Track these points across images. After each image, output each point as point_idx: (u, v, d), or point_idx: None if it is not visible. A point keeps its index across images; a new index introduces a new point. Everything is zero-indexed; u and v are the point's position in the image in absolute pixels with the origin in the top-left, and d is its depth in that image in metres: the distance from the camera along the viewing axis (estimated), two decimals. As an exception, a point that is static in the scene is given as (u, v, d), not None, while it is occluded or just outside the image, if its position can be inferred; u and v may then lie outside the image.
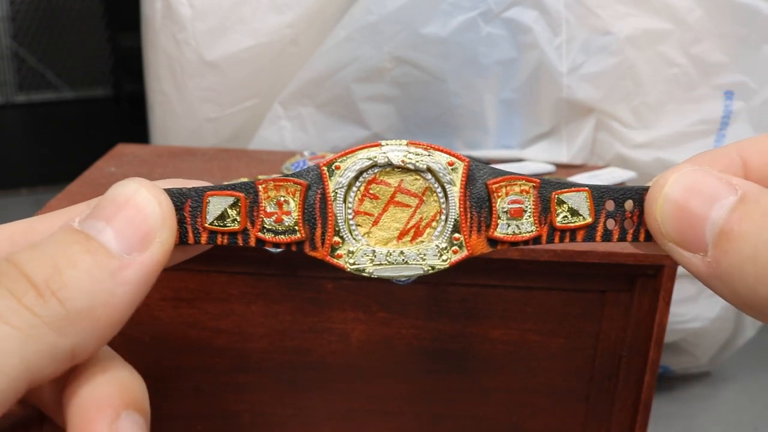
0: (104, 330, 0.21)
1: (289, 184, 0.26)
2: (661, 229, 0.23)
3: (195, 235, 0.26)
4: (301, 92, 0.79)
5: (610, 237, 0.26)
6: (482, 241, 0.26)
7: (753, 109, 0.75)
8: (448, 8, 0.73)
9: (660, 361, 0.49)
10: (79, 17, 2.61)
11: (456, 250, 0.26)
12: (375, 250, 0.26)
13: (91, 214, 0.23)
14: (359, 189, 0.26)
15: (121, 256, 0.22)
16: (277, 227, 0.26)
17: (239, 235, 0.26)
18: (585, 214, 0.26)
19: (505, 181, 0.26)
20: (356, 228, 0.26)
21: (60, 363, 0.20)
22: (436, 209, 0.26)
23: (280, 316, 0.50)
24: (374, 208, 0.27)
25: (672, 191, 0.23)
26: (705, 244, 0.22)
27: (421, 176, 0.26)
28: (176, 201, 0.26)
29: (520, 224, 0.26)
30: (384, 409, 0.53)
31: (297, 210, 0.26)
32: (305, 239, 0.26)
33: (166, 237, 0.23)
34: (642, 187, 0.25)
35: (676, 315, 0.84)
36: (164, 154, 0.64)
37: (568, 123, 0.76)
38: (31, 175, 1.93)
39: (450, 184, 0.26)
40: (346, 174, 0.26)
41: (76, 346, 0.21)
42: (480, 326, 0.50)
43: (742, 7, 0.71)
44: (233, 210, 0.26)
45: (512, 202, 0.26)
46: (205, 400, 0.53)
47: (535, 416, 0.53)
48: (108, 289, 0.21)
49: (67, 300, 0.20)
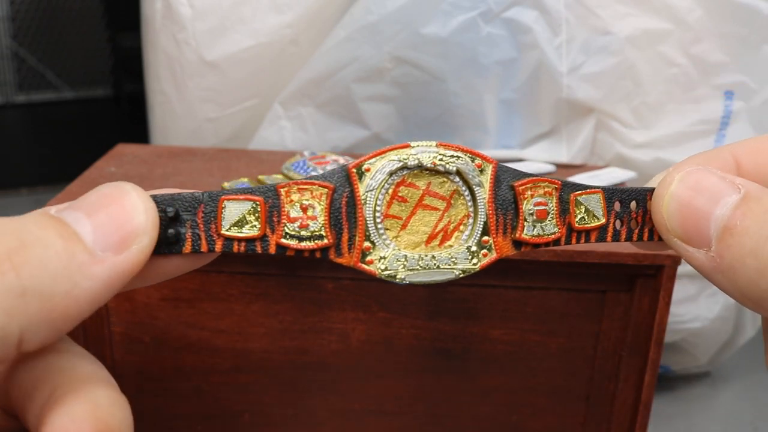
0: (59, 320, 0.20)
1: (314, 187, 0.24)
2: (667, 225, 0.24)
3: (209, 242, 0.25)
4: (301, 92, 0.79)
5: (618, 237, 0.26)
6: (508, 243, 0.26)
7: (753, 109, 0.75)
8: (448, 8, 0.73)
9: (660, 361, 0.49)
10: (79, 17, 2.61)
11: (486, 253, 0.26)
12: (407, 255, 0.26)
13: (71, 205, 0.22)
14: (387, 192, 0.26)
15: (94, 250, 0.21)
16: (301, 233, 0.24)
17: (258, 241, 0.25)
18: (599, 215, 0.26)
19: (531, 182, 0.26)
20: (385, 232, 0.26)
21: (6, 348, 0.19)
22: (464, 212, 0.26)
23: (280, 316, 0.50)
24: (403, 212, 0.26)
25: (678, 189, 0.24)
26: (709, 240, 0.23)
27: (449, 179, 0.26)
28: (188, 206, 0.25)
29: (544, 226, 0.26)
30: (384, 409, 0.53)
31: (323, 214, 0.24)
32: (331, 245, 0.25)
33: (144, 245, 0.22)
34: (646, 189, 0.26)
35: (676, 315, 0.84)
36: (164, 154, 0.64)
37: (568, 123, 0.76)
38: (31, 175, 1.93)
39: (479, 186, 0.26)
40: (376, 176, 0.25)
41: (25, 332, 0.19)
42: (480, 326, 0.50)
43: (742, 7, 0.71)
44: (251, 215, 0.25)
45: (537, 204, 0.26)
46: (205, 400, 0.53)
47: (535, 416, 0.53)
48: (73, 278, 0.20)
49: (26, 276, 0.19)
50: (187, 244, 0.25)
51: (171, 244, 0.24)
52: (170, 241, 0.24)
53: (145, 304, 0.50)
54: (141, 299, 0.50)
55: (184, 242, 0.25)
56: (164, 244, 0.24)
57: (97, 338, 0.51)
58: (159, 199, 0.24)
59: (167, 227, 0.24)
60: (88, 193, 0.22)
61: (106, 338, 0.51)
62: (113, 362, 0.51)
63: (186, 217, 0.25)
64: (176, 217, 0.25)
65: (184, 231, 0.25)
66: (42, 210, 0.22)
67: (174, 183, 0.56)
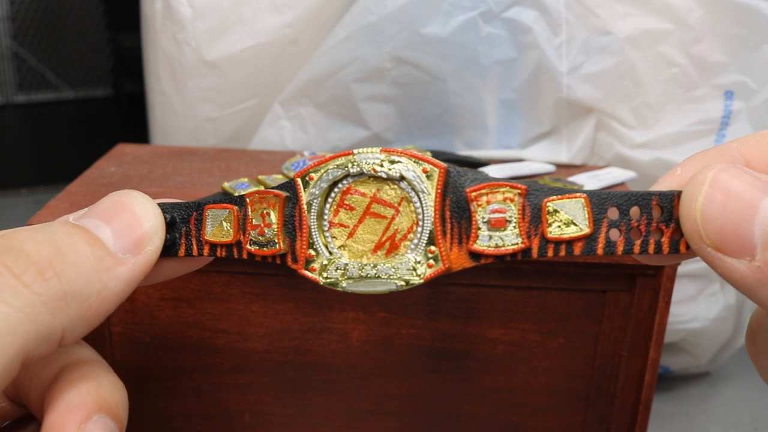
0: (92, 318, 0.22)
1: (270, 196, 0.25)
2: (701, 232, 0.20)
3: (198, 247, 0.26)
4: (301, 92, 0.79)
5: (613, 249, 0.23)
6: (463, 254, 0.24)
7: (753, 109, 0.75)
8: (448, 8, 0.73)
9: (660, 361, 0.49)
10: (79, 17, 2.61)
11: (431, 264, 0.24)
12: (347, 264, 0.25)
13: (87, 213, 0.24)
14: (335, 199, 0.25)
15: (116, 253, 0.23)
16: (260, 240, 0.25)
17: (234, 247, 0.26)
18: (582, 223, 0.23)
19: (486, 188, 0.23)
20: (332, 240, 0.25)
21: (51, 344, 0.21)
22: (413, 220, 0.25)
23: (280, 316, 0.50)
24: (350, 220, 0.25)
25: (711, 190, 0.20)
26: (752, 246, 0.19)
27: (398, 185, 0.25)
28: (184, 214, 0.26)
29: (503, 236, 0.23)
30: (384, 409, 0.53)
31: (277, 222, 0.25)
32: (286, 251, 0.25)
33: (157, 246, 0.25)
34: (651, 192, 0.23)
35: (676, 315, 0.84)
36: (164, 154, 0.64)
37: (568, 123, 0.76)
38: (31, 175, 1.93)
39: (424, 192, 0.24)
40: (319, 185, 0.25)
41: (66, 329, 0.21)
42: (480, 326, 0.50)
43: (742, 7, 0.71)
44: (227, 222, 0.26)
45: (494, 212, 0.23)
46: (205, 400, 0.53)
47: (535, 416, 0.53)
48: (103, 280, 0.22)
49: (66, 280, 0.21)
50: (182, 248, 0.26)
51: (168, 248, 0.26)
52: (167, 245, 0.26)
53: (145, 304, 0.50)
54: (141, 299, 0.50)
55: (179, 246, 0.26)
56: (163, 248, 0.26)
57: (97, 338, 0.51)
58: (161, 206, 0.26)
59: (166, 232, 0.26)
60: (99, 201, 0.25)
61: (106, 338, 0.51)
62: (113, 362, 0.51)
63: (181, 224, 0.26)
64: (173, 223, 0.26)
65: (179, 236, 0.26)
66: (62, 219, 0.24)
67: (174, 183, 0.56)
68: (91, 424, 0.22)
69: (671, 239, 0.22)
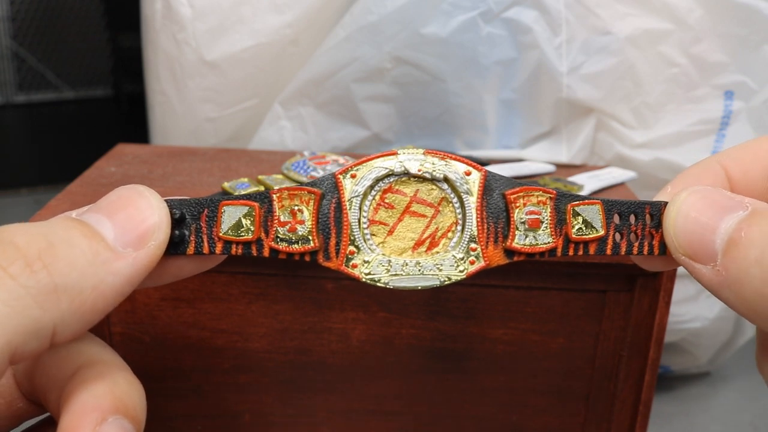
0: (88, 314, 0.21)
1: (303, 193, 0.25)
2: (675, 243, 0.25)
3: (210, 245, 0.26)
4: (301, 92, 0.79)
5: (618, 250, 0.26)
6: (499, 252, 0.26)
7: (753, 109, 0.75)
8: (448, 8, 0.73)
9: (660, 361, 0.49)
10: (79, 17, 2.61)
11: (473, 260, 0.26)
12: (391, 260, 0.26)
13: (90, 208, 0.24)
14: (374, 198, 0.26)
15: (115, 248, 0.22)
16: (290, 237, 0.25)
17: (253, 244, 0.26)
18: (598, 226, 0.26)
19: (523, 191, 0.26)
20: (371, 237, 0.26)
21: (42, 340, 0.20)
22: (452, 219, 0.26)
23: (280, 316, 0.50)
24: (389, 218, 0.26)
25: (684, 206, 0.24)
26: (715, 254, 0.23)
27: (437, 186, 0.26)
28: (194, 211, 0.26)
29: (537, 235, 0.26)
30: (384, 409, 0.53)
31: (311, 219, 0.25)
32: (319, 249, 0.25)
33: (160, 241, 0.24)
34: (644, 202, 0.26)
35: (676, 315, 0.84)
36: (164, 154, 0.64)
37: (568, 123, 0.76)
38: (31, 175, 1.93)
39: (467, 194, 0.26)
40: (362, 182, 0.26)
41: (58, 324, 0.21)
42: (480, 326, 0.50)
43: (742, 7, 0.71)
44: (247, 219, 0.26)
45: (530, 213, 0.25)
46: (205, 400, 0.53)
47: (535, 416, 0.53)
48: (99, 274, 0.22)
49: (57, 273, 0.20)
50: (191, 246, 0.26)
51: (176, 245, 0.26)
52: (175, 242, 0.26)
53: (145, 304, 0.50)
54: (141, 299, 0.50)
55: (188, 244, 0.26)
56: (170, 245, 0.25)
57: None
58: (168, 202, 0.26)
59: (173, 229, 0.25)
60: (105, 196, 0.24)
61: (106, 338, 0.51)
62: (113, 362, 0.51)
63: (191, 221, 0.26)
64: (182, 219, 0.26)
65: (189, 233, 0.26)
66: (64, 214, 0.24)
67: (174, 183, 0.56)
68: (106, 426, 0.21)
69: (660, 243, 0.26)
